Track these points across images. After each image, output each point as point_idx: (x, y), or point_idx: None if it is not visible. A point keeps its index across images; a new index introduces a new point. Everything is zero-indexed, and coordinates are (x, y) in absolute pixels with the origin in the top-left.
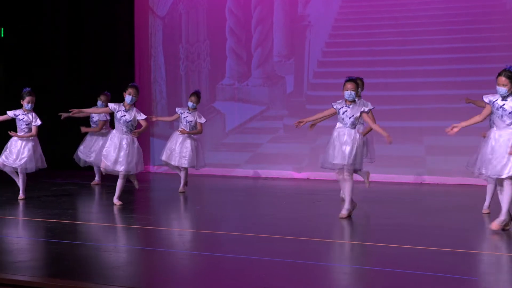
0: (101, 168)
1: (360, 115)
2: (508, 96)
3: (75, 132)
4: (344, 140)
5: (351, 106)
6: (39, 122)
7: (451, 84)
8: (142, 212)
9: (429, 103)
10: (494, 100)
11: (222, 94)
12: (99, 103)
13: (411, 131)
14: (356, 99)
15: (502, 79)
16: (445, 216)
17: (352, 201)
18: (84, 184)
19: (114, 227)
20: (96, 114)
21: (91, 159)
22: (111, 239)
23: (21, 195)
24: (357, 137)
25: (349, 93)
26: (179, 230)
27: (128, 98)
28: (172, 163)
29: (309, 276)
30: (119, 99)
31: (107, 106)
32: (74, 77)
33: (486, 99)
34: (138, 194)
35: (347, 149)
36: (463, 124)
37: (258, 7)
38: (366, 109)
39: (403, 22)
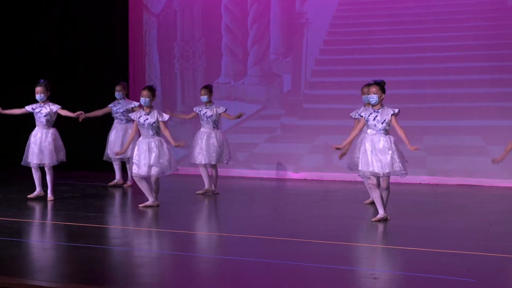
0: (134, 176)
1: (391, 119)
2: None
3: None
4: (381, 147)
5: (379, 110)
6: (55, 107)
7: (451, 83)
8: (138, 214)
9: (430, 102)
10: None
11: (217, 93)
12: (117, 94)
13: (411, 131)
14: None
15: None
16: (444, 217)
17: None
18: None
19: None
20: (117, 107)
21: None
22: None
23: (49, 195)
24: (392, 141)
25: (372, 97)
26: (172, 231)
27: (142, 100)
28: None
29: (306, 278)
30: (113, 98)
31: (125, 96)
32: (68, 75)
33: None
34: (133, 196)
35: (387, 157)
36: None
37: (255, 4)
38: (396, 111)
39: (403, 19)
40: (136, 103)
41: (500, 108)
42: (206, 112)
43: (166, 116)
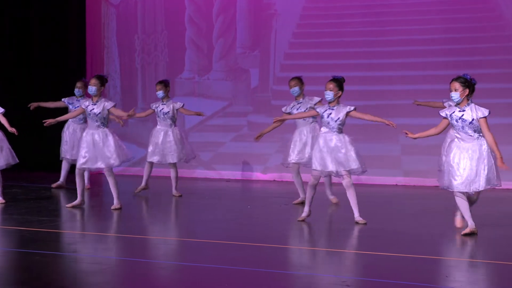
0: (77, 168)
1: (346, 116)
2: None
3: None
4: (333, 146)
5: (335, 108)
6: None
7: (429, 78)
8: (100, 218)
9: (406, 99)
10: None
11: (181, 89)
12: (77, 91)
13: (386, 129)
14: (301, 100)
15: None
16: (420, 221)
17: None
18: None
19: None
20: (76, 105)
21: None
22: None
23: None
24: (348, 140)
25: (328, 94)
26: (130, 236)
27: (89, 88)
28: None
29: (270, 286)
30: (69, 93)
31: (86, 93)
32: (20, 70)
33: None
34: (100, 199)
35: (340, 156)
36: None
37: None
38: (352, 108)
39: (377, 10)
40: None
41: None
42: (162, 109)
43: (111, 103)
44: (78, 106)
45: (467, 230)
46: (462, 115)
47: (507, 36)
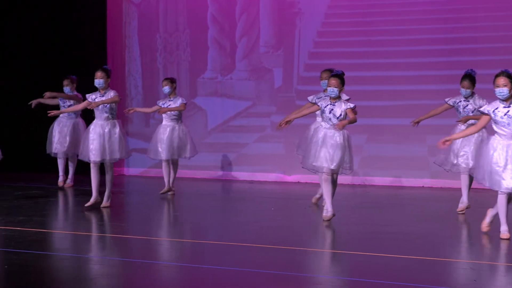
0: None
1: (346, 113)
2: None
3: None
4: (333, 142)
5: (336, 103)
6: None
7: (457, 78)
8: (116, 219)
9: (434, 98)
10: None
11: (203, 89)
12: (66, 89)
13: (413, 130)
14: (342, 96)
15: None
16: (446, 224)
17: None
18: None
19: (85, 236)
20: (66, 103)
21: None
22: (83, 249)
23: None
24: (346, 137)
25: (331, 90)
26: (156, 239)
27: (95, 82)
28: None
29: None
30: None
31: (75, 90)
32: (38, 71)
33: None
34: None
35: (337, 152)
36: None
37: None
38: (352, 105)
39: (403, 9)
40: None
41: None
42: (169, 105)
43: (114, 92)
44: (71, 105)
45: (505, 236)
46: (508, 111)
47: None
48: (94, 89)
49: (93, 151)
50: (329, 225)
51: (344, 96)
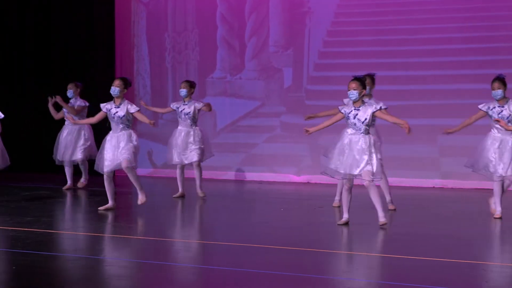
0: (105, 172)
1: (372, 116)
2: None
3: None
4: (358, 148)
5: (360, 108)
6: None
7: (468, 77)
8: (124, 220)
9: (444, 98)
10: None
11: (212, 89)
12: (69, 92)
13: (424, 130)
14: (366, 100)
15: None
16: (459, 224)
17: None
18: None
19: (95, 236)
20: (74, 103)
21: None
22: (93, 250)
23: None
24: (372, 142)
25: (351, 93)
26: (166, 240)
27: (111, 89)
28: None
29: None
30: (97, 95)
31: (78, 95)
32: (45, 70)
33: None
34: (120, 200)
35: (363, 158)
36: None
37: None
38: (378, 107)
39: (414, 8)
40: (87, 103)
41: None
42: (184, 109)
43: (135, 107)
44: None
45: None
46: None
47: None
48: (100, 89)
49: (106, 161)
50: (342, 226)
51: (371, 102)
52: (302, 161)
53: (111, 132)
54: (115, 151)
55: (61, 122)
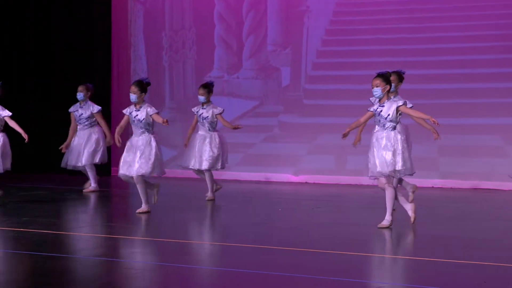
0: (122, 176)
1: (398, 112)
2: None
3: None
4: (383, 145)
5: (385, 104)
6: (7, 113)
7: (467, 76)
8: (132, 221)
9: (443, 98)
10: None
11: None
12: (79, 95)
13: (423, 129)
14: (392, 96)
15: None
16: (458, 225)
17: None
18: (57, 189)
19: (94, 237)
20: (80, 112)
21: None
22: (92, 251)
23: None
24: (399, 138)
25: (374, 90)
26: (164, 240)
27: (130, 96)
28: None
29: None
30: (93, 96)
31: (88, 98)
32: (43, 69)
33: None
34: (116, 200)
35: (388, 155)
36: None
37: None
38: (401, 102)
39: (413, 6)
40: (99, 107)
41: None
42: (202, 113)
43: (153, 109)
44: (82, 114)
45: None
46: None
47: None
48: (97, 89)
49: (124, 166)
50: (340, 226)
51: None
52: (300, 161)
53: (132, 135)
54: (134, 156)
55: (61, 122)
